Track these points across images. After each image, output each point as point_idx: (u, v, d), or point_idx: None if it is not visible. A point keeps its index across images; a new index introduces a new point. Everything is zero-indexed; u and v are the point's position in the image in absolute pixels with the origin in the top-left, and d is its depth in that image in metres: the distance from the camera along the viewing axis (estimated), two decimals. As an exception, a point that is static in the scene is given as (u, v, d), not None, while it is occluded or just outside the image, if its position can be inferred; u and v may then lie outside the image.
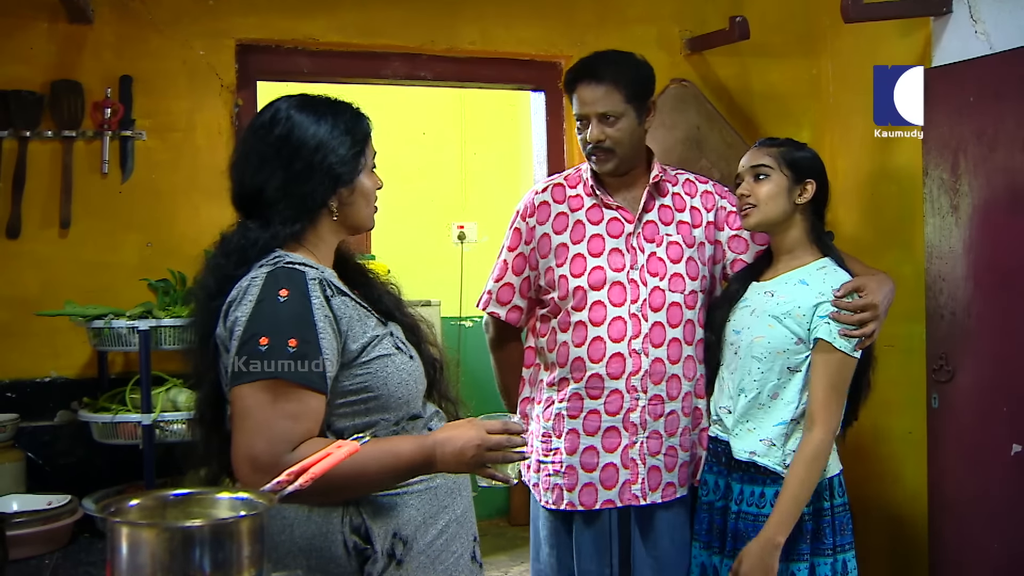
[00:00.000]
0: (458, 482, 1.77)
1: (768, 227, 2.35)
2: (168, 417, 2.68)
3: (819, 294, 2.26)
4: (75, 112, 2.94)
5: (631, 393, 2.42)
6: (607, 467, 2.43)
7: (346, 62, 3.33)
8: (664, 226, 2.48)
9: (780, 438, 2.27)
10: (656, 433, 2.43)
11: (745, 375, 2.31)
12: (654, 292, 2.43)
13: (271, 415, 1.54)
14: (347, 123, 1.73)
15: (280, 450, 1.54)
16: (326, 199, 1.71)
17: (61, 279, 2.91)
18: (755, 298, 2.36)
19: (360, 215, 1.77)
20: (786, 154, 2.33)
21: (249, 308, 1.58)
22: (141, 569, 1.24)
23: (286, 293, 1.58)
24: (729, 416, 2.34)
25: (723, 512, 2.34)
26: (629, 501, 2.42)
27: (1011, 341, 2.79)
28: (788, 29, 3.69)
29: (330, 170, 1.69)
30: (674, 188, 2.54)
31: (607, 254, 2.45)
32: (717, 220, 2.53)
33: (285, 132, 1.69)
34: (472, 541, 1.80)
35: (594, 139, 2.40)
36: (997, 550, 2.82)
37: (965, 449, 2.92)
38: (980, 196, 2.88)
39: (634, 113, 2.42)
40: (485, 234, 5.40)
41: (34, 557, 2.33)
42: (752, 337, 2.31)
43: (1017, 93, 2.78)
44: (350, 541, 1.64)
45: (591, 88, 2.40)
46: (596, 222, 2.49)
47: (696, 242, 2.49)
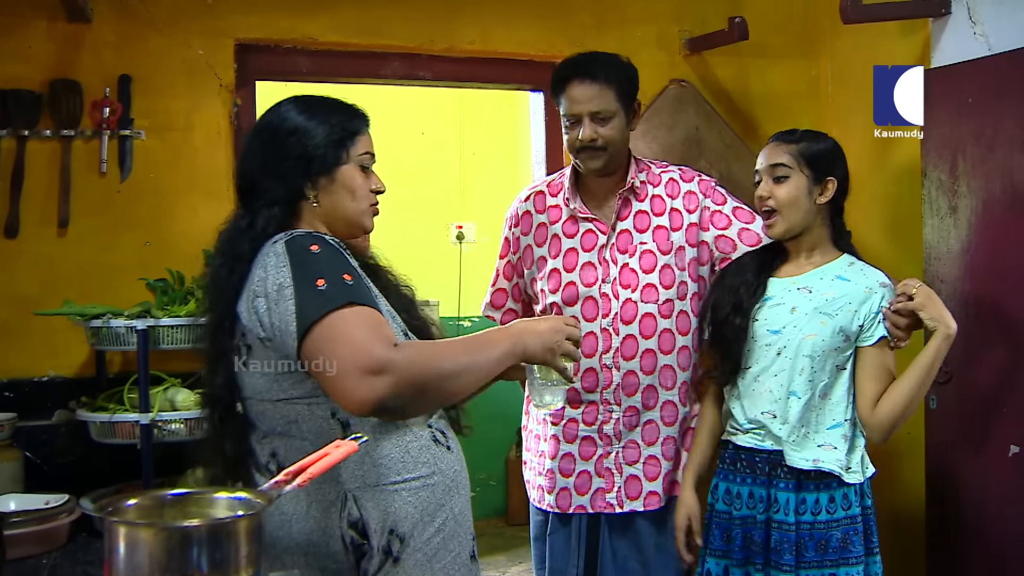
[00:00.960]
0: (456, 480, 1.77)
1: (793, 235, 2.29)
2: (166, 417, 2.67)
3: (866, 288, 2.23)
4: (74, 111, 2.94)
5: (604, 406, 2.45)
6: (581, 474, 2.48)
7: (345, 62, 3.33)
8: (639, 234, 2.46)
9: (840, 440, 2.23)
10: (633, 443, 2.46)
11: (795, 376, 2.24)
12: (626, 305, 2.43)
13: (364, 325, 1.54)
14: (333, 115, 1.77)
15: (386, 344, 1.53)
16: (300, 184, 1.73)
17: (59, 278, 2.91)
18: (787, 295, 2.29)
19: (344, 208, 1.77)
20: (805, 151, 2.26)
21: (288, 271, 1.59)
22: (139, 569, 1.24)
23: (316, 247, 1.62)
24: (777, 422, 2.25)
25: (765, 525, 2.25)
26: (601, 508, 2.46)
27: (1010, 342, 2.80)
28: (787, 30, 3.70)
29: (303, 154, 1.72)
30: (655, 190, 2.49)
31: (579, 269, 2.47)
32: (701, 221, 2.48)
33: (272, 119, 1.77)
34: (471, 539, 1.80)
35: (587, 138, 2.38)
36: (996, 551, 2.82)
37: (963, 450, 2.92)
38: (979, 197, 2.89)
39: (623, 113, 2.42)
40: (484, 234, 5.40)
41: (32, 556, 2.32)
42: (802, 335, 2.23)
43: (1016, 94, 2.78)
44: (347, 536, 1.64)
45: (584, 87, 2.38)
46: (571, 235, 2.49)
47: (674, 247, 2.45)
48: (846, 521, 2.24)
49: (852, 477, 2.23)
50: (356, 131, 1.79)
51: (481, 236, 5.44)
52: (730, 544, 2.31)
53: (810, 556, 2.21)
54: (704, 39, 3.53)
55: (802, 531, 2.21)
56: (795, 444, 2.24)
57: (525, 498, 2.67)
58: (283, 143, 1.73)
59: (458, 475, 1.78)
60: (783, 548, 2.21)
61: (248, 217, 1.72)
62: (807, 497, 2.23)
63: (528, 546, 2.71)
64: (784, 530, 2.22)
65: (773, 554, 2.23)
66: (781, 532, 2.22)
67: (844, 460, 2.23)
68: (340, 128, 1.77)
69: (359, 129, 1.80)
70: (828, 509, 2.22)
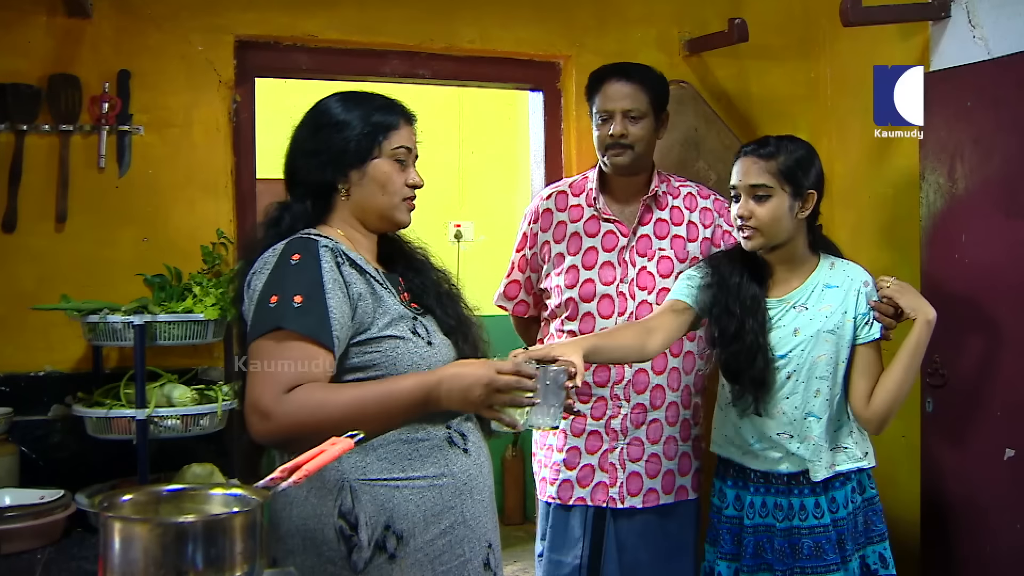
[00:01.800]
0: (470, 484, 1.75)
1: (771, 246, 2.28)
2: (162, 413, 2.67)
3: (855, 291, 2.28)
4: (72, 106, 2.93)
5: (614, 401, 2.53)
6: (585, 468, 2.55)
7: (344, 59, 3.32)
8: (658, 240, 2.55)
9: (848, 439, 2.31)
10: (638, 440, 2.53)
11: (811, 398, 2.26)
12: (641, 305, 2.51)
13: (273, 362, 1.59)
14: (369, 109, 1.79)
15: (277, 391, 1.57)
16: (334, 178, 1.76)
17: (57, 273, 2.90)
18: (785, 317, 2.29)
19: (375, 202, 1.79)
20: (783, 167, 2.22)
21: (265, 276, 1.66)
22: (133, 564, 1.24)
23: (297, 257, 1.65)
24: (795, 442, 2.27)
25: (786, 533, 2.28)
26: (601, 502, 2.53)
27: (1006, 346, 2.80)
28: (787, 32, 3.70)
29: (336, 147, 1.75)
30: (674, 201, 2.61)
31: (599, 267, 2.54)
32: (714, 238, 2.61)
33: (314, 114, 1.81)
34: (486, 547, 1.78)
35: (617, 133, 2.49)
36: (991, 554, 2.82)
37: (959, 453, 2.92)
38: (976, 200, 2.89)
39: (654, 118, 2.55)
40: (482, 233, 5.40)
41: (26, 552, 2.32)
42: (813, 358, 2.25)
43: (1015, 98, 2.78)
44: (337, 524, 1.65)
45: (620, 85, 2.51)
46: (592, 234, 2.57)
47: (689, 257, 2.56)
48: (864, 504, 2.32)
49: (867, 463, 2.32)
50: (391, 125, 1.80)
51: (479, 235, 5.43)
52: (740, 549, 2.33)
53: (849, 549, 2.26)
54: (704, 40, 3.53)
55: (840, 527, 2.26)
56: (817, 459, 2.26)
57: (521, 498, 2.74)
58: (320, 136, 1.77)
59: (473, 479, 1.76)
60: (826, 548, 2.23)
61: (280, 211, 1.77)
62: (836, 495, 2.28)
63: (525, 545, 2.75)
64: (818, 533, 2.24)
65: (811, 560, 2.23)
66: (815, 536, 2.23)
67: (857, 454, 2.31)
68: (374, 122, 1.78)
69: (394, 123, 1.81)
70: (852, 500, 2.30)
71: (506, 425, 1.71)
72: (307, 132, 1.80)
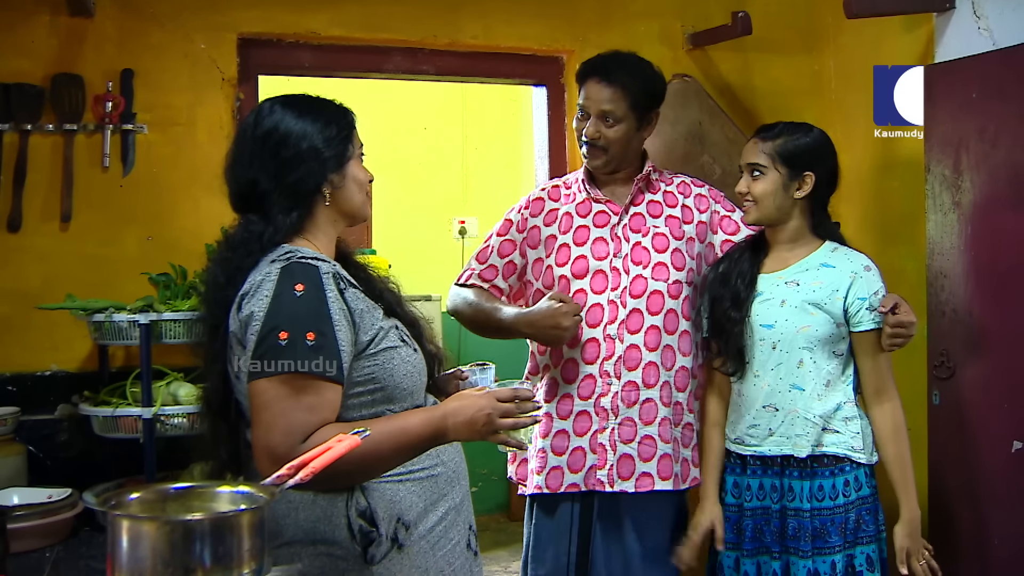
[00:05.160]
0: (457, 471, 1.81)
1: (767, 223, 2.38)
2: (169, 411, 2.68)
3: (851, 273, 2.30)
4: (76, 105, 2.93)
5: (603, 378, 2.42)
6: (575, 451, 2.43)
7: (348, 56, 3.32)
8: (652, 218, 2.51)
9: (841, 424, 2.31)
10: (630, 420, 2.41)
11: (794, 369, 2.31)
12: (636, 280, 2.45)
13: (289, 407, 1.58)
14: (330, 113, 1.80)
15: (295, 440, 1.57)
16: (318, 184, 1.75)
17: (62, 273, 2.90)
18: (775, 290, 2.35)
19: (353, 201, 1.81)
20: (782, 148, 2.33)
21: (266, 303, 1.62)
22: (141, 562, 1.24)
23: (302, 288, 1.62)
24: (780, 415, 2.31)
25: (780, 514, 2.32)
26: (593, 486, 2.41)
27: (1012, 338, 2.79)
28: (790, 25, 3.69)
29: (318, 155, 1.74)
30: (667, 187, 2.56)
31: (591, 243, 2.49)
32: (711, 223, 2.54)
33: (272, 125, 1.76)
34: (468, 530, 1.84)
35: (589, 136, 2.45)
36: (998, 546, 2.82)
37: (966, 446, 2.92)
38: (982, 193, 2.88)
39: (634, 120, 2.46)
40: (486, 229, 5.38)
41: (35, 550, 2.33)
42: (796, 328, 2.30)
43: (1020, 89, 2.77)
44: (356, 524, 1.66)
45: (599, 87, 2.44)
46: (584, 215, 2.53)
47: (685, 236, 2.50)
48: (858, 502, 2.31)
49: (862, 457, 2.30)
50: (352, 124, 1.83)
51: (483, 231, 5.43)
52: (740, 536, 2.36)
53: (833, 541, 2.26)
54: (707, 34, 3.53)
55: (823, 516, 2.27)
56: (803, 433, 2.29)
57: (526, 493, 2.64)
58: (294, 148, 1.73)
59: (459, 466, 1.83)
60: (800, 535, 2.27)
61: (262, 224, 1.72)
62: (823, 484, 2.28)
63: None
64: (801, 517, 2.28)
65: (791, 541, 2.29)
66: (798, 519, 2.28)
67: (849, 441, 2.30)
68: (341, 124, 1.80)
69: (352, 123, 1.84)
70: (844, 493, 2.29)
71: (514, 447, 1.81)
72: (276, 146, 1.74)
